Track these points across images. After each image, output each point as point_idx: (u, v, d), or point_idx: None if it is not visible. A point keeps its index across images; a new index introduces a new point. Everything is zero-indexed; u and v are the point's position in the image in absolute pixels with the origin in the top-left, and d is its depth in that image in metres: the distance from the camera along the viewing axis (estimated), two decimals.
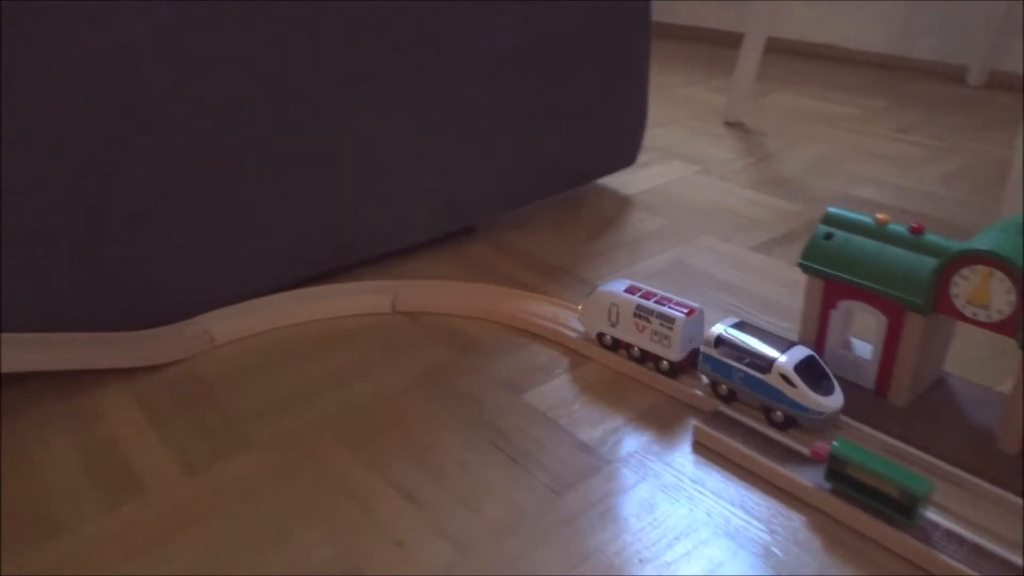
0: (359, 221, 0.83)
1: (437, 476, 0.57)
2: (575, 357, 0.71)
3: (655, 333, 0.64)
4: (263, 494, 0.56)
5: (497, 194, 0.95)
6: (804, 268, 0.63)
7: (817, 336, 0.65)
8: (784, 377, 0.57)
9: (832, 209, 0.63)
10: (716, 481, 0.56)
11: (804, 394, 0.56)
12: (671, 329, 0.63)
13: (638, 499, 0.54)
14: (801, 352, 0.58)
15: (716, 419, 0.60)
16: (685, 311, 0.64)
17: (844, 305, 0.62)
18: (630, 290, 0.68)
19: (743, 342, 0.60)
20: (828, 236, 0.62)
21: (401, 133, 0.83)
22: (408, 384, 0.68)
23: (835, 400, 0.57)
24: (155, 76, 0.66)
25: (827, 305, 0.63)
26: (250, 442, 0.61)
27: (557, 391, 0.66)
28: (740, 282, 0.85)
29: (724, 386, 0.61)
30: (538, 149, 0.96)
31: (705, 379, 0.64)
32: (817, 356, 0.59)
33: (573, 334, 0.72)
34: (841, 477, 0.52)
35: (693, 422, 0.62)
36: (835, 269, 0.61)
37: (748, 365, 0.59)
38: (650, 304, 0.65)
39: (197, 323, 0.76)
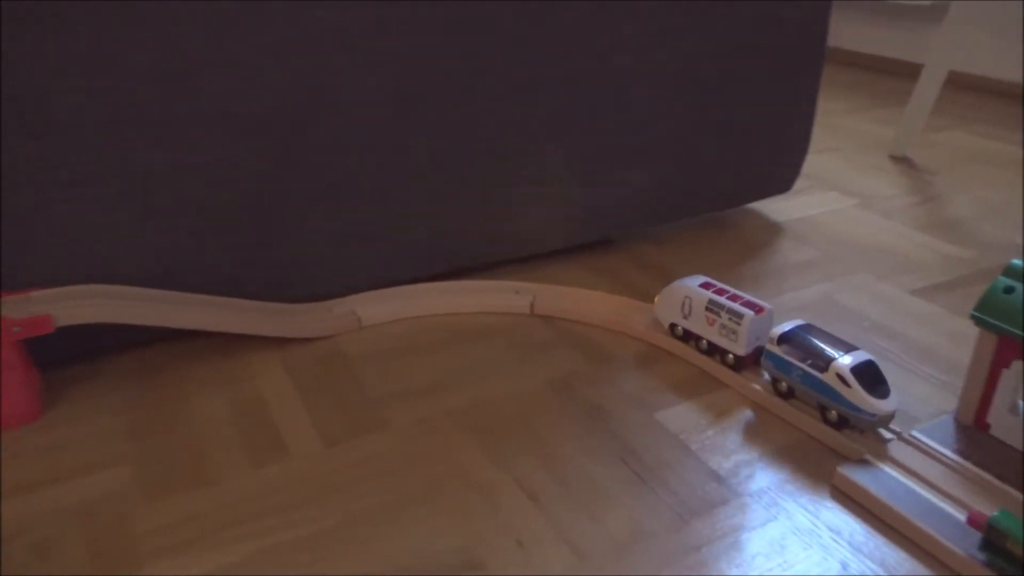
0: (504, 222, 0.85)
1: (562, 482, 0.57)
2: (710, 381, 0.69)
3: (724, 327, 0.67)
4: (394, 476, 0.58)
5: (642, 208, 0.94)
6: (977, 321, 0.58)
7: (982, 395, 0.60)
8: (840, 377, 0.58)
9: (1017, 262, 0.58)
10: (855, 532, 0.53)
11: (858, 395, 0.58)
12: (739, 324, 0.66)
13: (768, 538, 0.52)
14: (861, 356, 0.60)
15: (861, 467, 0.57)
16: (754, 309, 0.67)
17: (1018, 365, 0.57)
18: (705, 285, 0.71)
19: (805, 341, 0.62)
20: (1009, 290, 0.57)
21: (556, 141, 0.84)
22: (539, 387, 0.68)
23: (888, 404, 0.58)
24: (337, 69, 0.70)
25: (998, 363, 0.58)
26: (386, 424, 0.63)
27: (689, 414, 0.65)
28: (897, 326, 0.80)
29: (784, 383, 0.63)
30: (691, 167, 0.95)
31: (767, 375, 0.66)
32: (876, 362, 0.60)
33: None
34: (999, 551, 0.48)
35: (837, 468, 0.59)
36: (1013, 326, 0.56)
37: (807, 364, 0.61)
38: (721, 300, 0.68)
39: (345, 303, 0.79)
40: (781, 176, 1.05)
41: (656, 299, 0.75)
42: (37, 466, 0.59)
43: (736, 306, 0.67)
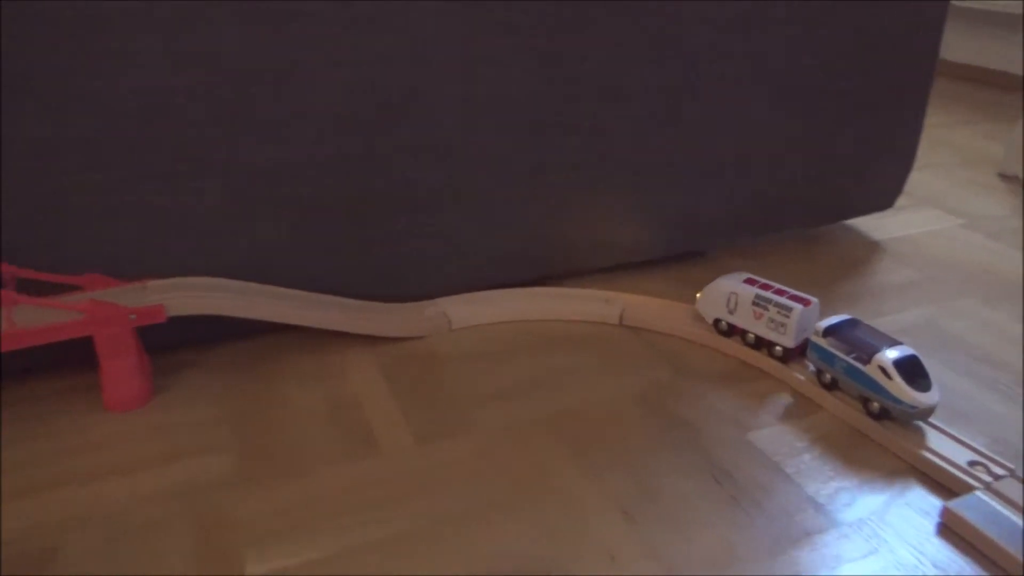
0: (594, 230, 0.85)
1: (653, 497, 0.56)
2: (805, 403, 0.67)
3: (772, 321, 0.70)
4: (482, 479, 0.58)
5: (735, 220, 0.92)
6: None
7: None
8: (882, 369, 0.61)
9: None
10: (963, 571, 0.51)
11: (899, 387, 0.60)
12: (788, 317, 0.68)
13: (869, 572, 0.50)
14: (904, 351, 0.62)
15: (971, 503, 0.54)
16: (802, 303, 0.69)
17: None
18: (749, 281, 0.73)
19: (850, 335, 0.64)
20: None
21: (649, 150, 0.83)
22: (627, 399, 0.68)
23: (929, 397, 0.60)
24: (435, 74, 0.71)
25: None
26: (475, 426, 0.64)
27: (785, 436, 0.63)
28: (1006, 356, 0.76)
29: (828, 374, 0.66)
30: (788, 179, 0.92)
31: (811, 367, 0.67)
32: (919, 357, 0.61)
33: (802, 377, 0.69)
34: None
35: (946, 504, 0.56)
36: None
37: (851, 356, 0.63)
38: (768, 294, 0.70)
39: (436, 305, 0.81)
40: (882, 193, 1.01)
41: (698, 296, 0.77)
42: (147, 448, 0.62)
43: (784, 300, 0.69)
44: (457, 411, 0.66)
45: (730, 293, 0.73)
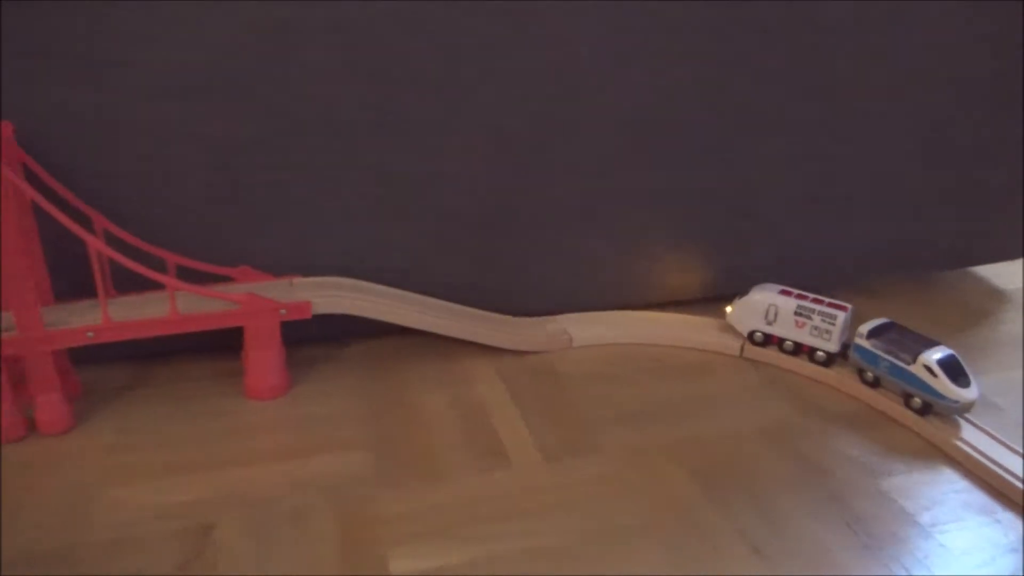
0: (723, 259, 0.84)
1: (784, 537, 0.56)
2: (938, 453, 0.66)
3: (815, 328, 0.74)
4: (612, 501, 0.59)
5: (861, 259, 0.91)
6: None
7: None
8: (927, 368, 0.66)
9: None
10: None
11: (944, 384, 0.65)
12: (833, 324, 0.73)
13: None
14: (945, 351, 0.67)
15: None
16: (842, 309, 0.73)
17: None
18: (784, 292, 0.76)
19: (893, 336, 0.70)
20: None
21: (785, 182, 0.82)
22: (753, 433, 0.68)
23: (970, 393, 0.65)
24: (586, 96, 0.72)
25: None
26: (602, 448, 0.65)
27: (920, 487, 0.62)
28: None
29: (870, 373, 0.71)
30: (918, 222, 0.90)
31: (854, 367, 0.73)
32: (957, 356, 0.67)
33: (933, 429, 0.67)
34: None
35: None
36: None
37: (895, 356, 0.68)
38: (809, 303, 0.74)
39: (558, 321, 0.82)
40: (1011, 241, 0.98)
41: (728, 310, 0.79)
42: (290, 438, 0.64)
43: (827, 308, 0.73)
44: (583, 431, 0.67)
45: (769, 305, 0.76)
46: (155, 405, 0.68)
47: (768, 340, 0.78)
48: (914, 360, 0.67)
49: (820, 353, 0.75)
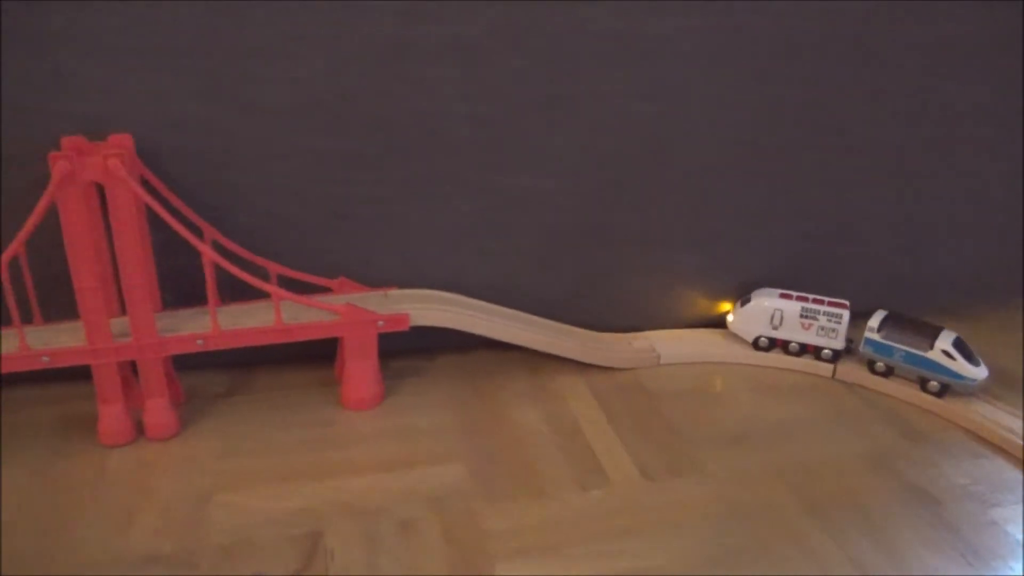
0: (819, 279, 0.83)
1: (898, 567, 0.55)
2: None
3: (822, 328, 0.76)
4: (718, 523, 0.58)
5: (966, 282, 0.89)
6: None
7: None
8: (945, 352, 0.70)
9: None
10: None
11: (962, 365, 0.70)
12: (839, 322, 0.75)
13: None
14: (952, 334, 0.72)
15: None
16: (844, 307, 0.75)
17: None
18: (784, 296, 0.77)
19: (900, 327, 0.73)
20: None
21: (886, 203, 0.81)
22: (856, 457, 0.66)
23: (983, 371, 0.70)
24: (685, 118, 0.72)
25: None
26: (704, 468, 0.64)
27: None
28: None
29: (882, 363, 0.75)
30: (1013, 245, 0.88)
31: (864, 360, 0.76)
32: (962, 338, 0.72)
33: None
34: None
35: None
36: None
37: (911, 345, 0.72)
38: (813, 305, 0.76)
39: (645, 338, 0.81)
40: None
41: (730, 319, 0.80)
42: (389, 449, 0.65)
43: (831, 308, 0.75)
44: (681, 450, 0.66)
45: (774, 310, 0.76)
46: (255, 412, 0.69)
47: (773, 344, 0.78)
48: (931, 346, 0.71)
49: (827, 351, 0.77)
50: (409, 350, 0.79)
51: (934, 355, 0.71)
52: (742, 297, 0.80)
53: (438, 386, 0.74)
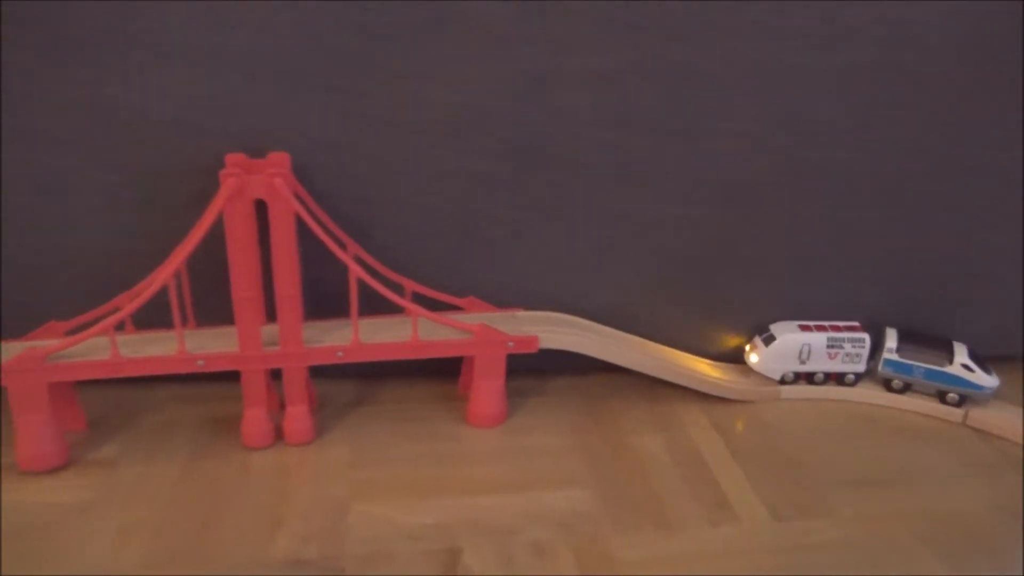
0: (950, 318, 0.81)
1: None
2: None
3: (847, 355, 0.76)
4: (852, 569, 0.57)
5: None
6: None
7: None
8: (965, 366, 0.73)
9: None
10: None
11: (981, 376, 0.73)
12: (863, 347, 0.76)
13: None
14: (963, 347, 0.75)
15: None
16: (862, 331, 0.76)
17: None
18: (804, 328, 0.77)
19: (916, 345, 0.75)
20: None
21: (1015, 244, 0.78)
22: (991, 509, 0.64)
23: (996, 379, 0.73)
24: (803, 143, 0.71)
25: None
26: (834, 511, 0.63)
27: None
28: None
29: (899, 381, 0.77)
30: None
31: (880, 380, 0.78)
32: (973, 349, 0.75)
33: None
34: None
35: None
36: None
37: (930, 362, 0.74)
38: (836, 334, 0.76)
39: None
40: None
41: (755, 360, 0.77)
42: (517, 469, 0.66)
43: (852, 334, 0.76)
44: (810, 491, 0.65)
45: (803, 345, 0.76)
46: (383, 423, 0.71)
47: (798, 378, 0.78)
48: (951, 361, 0.74)
49: (850, 376, 0.77)
50: (525, 371, 0.80)
51: (954, 369, 0.74)
52: (761, 335, 0.78)
53: (558, 409, 0.75)
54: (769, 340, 0.76)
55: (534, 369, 0.80)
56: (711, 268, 0.76)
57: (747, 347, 0.79)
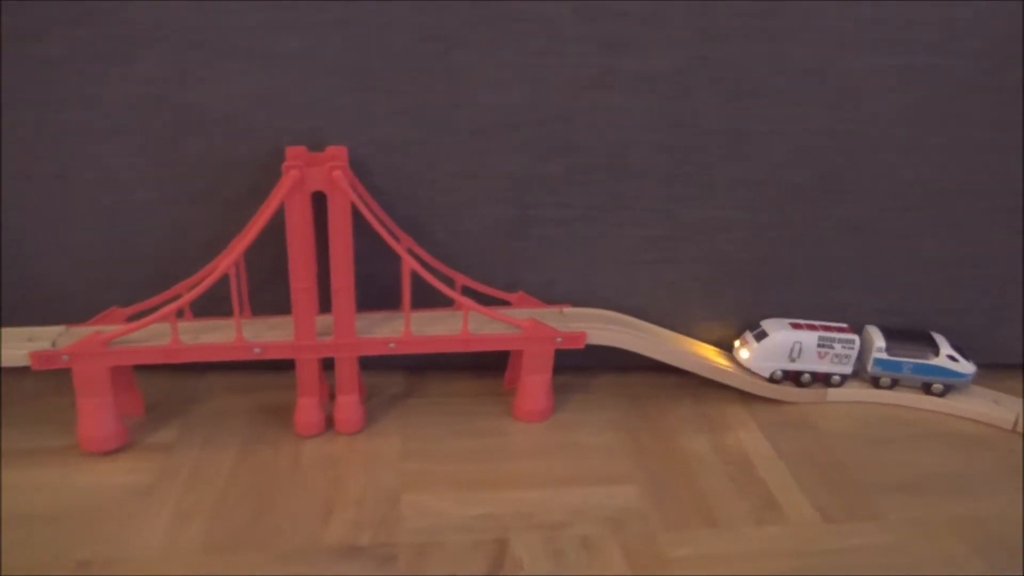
0: (986, 328, 0.80)
1: None
2: None
3: (837, 356, 0.75)
4: (901, 572, 0.57)
5: None
6: None
7: None
8: (951, 357, 0.75)
9: None
10: None
11: (964, 365, 0.75)
12: (852, 348, 0.75)
13: None
14: (942, 337, 0.77)
15: None
16: (851, 332, 0.76)
17: None
18: (795, 326, 0.76)
19: (900, 342, 0.76)
20: None
21: None
22: None
23: (972, 365, 0.76)
24: (855, 152, 0.71)
25: None
26: (883, 515, 0.63)
27: None
28: None
29: (887, 379, 0.77)
30: None
31: (868, 378, 0.78)
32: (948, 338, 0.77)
33: None
34: None
35: None
36: None
37: (918, 357, 0.75)
38: (827, 334, 0.75)
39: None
40: None
41: (745, 356, 0.76)
42: (565, 464, 0.67)
43: (843, 335, 0.75)
44: (859, 494, 0.65)
45: (794, 343, 0.75)
46: (430, 416, 0.72)
47: (786, 376, 0.77)
48: (937, 354, 0.75)
49: (836, 377, 0.77)
50: (569, 367, 0.81)
51: (940, 361, 0.75)
52: (751, 331, 0.77)
53: (603, 406, 0.76)
54: (760, 336, 0.75)
55: (577, 366, 0.81)
56: (756, 270, 0.76)
57: (736, 343, 0.78)
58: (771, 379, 0.77)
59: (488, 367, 0.78)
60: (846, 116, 0.69)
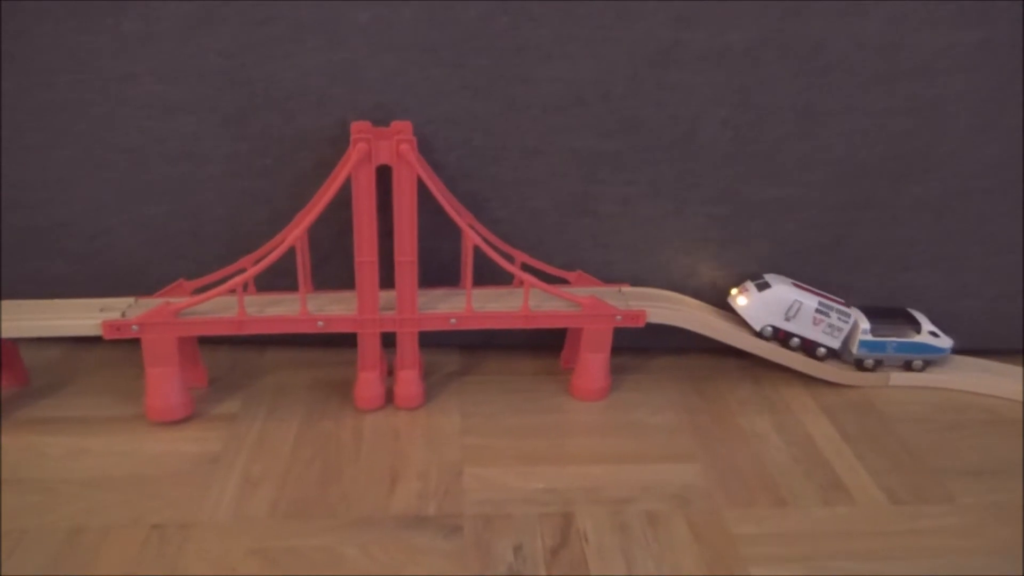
0: None
1: None
2: None
3: (830, 326, 0.74)
4: (976, 556, 0.56)
5: None
6: None
7: None
8: (932, 333, 0.75)
9: None
10: None
11: (944, 340, 0.75)
12: (846, 322, 0.74)
13: None
14: (920, 313, 0.76)
15: None
16: (848, 306, 0.74)
17: None
18: (797, 286, 0.74)
19: (883, 321, 0.75)
20: None
21: None
22: None
23: (950, 339, 0.75)
24: (932, 131, 0.69)
25: None
26: (953, 497, 0.62)
27: None
28: None
29: (871, 360, 0.75)
30: None
31: (853, 360, 0.76)
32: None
33: None
34: None
35: None
36: None
37: (901, 336, 0.75)
38: (828, 302, 0.73)
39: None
40: None
41: (742, 301, 0.73)
42: (626, 442, 0.66)
43: (842, 307, 0.74)
44: (928, 477, 0.64)
45: (793, 301, 0.72)
46: (489, 393, 0.73)
47: (775, 335, 0.74)
48: (919, 331, 0.75)
49: (822, 349, 0.75)
50: (626, 348, 0.80)
51: (923, 338, 0.75)
52: (754, 280, 0.74)
53: (661, 386, 0.75)
54: (763, 287, 0.73)
55: (634, 347, 0.80)
56: (822, 251, 0.75)
57: (734, 290, 0.75)
58: (760, 334, 0.74)
59: (544, 346, 0.78)
60: (921, 94, 0.67)
